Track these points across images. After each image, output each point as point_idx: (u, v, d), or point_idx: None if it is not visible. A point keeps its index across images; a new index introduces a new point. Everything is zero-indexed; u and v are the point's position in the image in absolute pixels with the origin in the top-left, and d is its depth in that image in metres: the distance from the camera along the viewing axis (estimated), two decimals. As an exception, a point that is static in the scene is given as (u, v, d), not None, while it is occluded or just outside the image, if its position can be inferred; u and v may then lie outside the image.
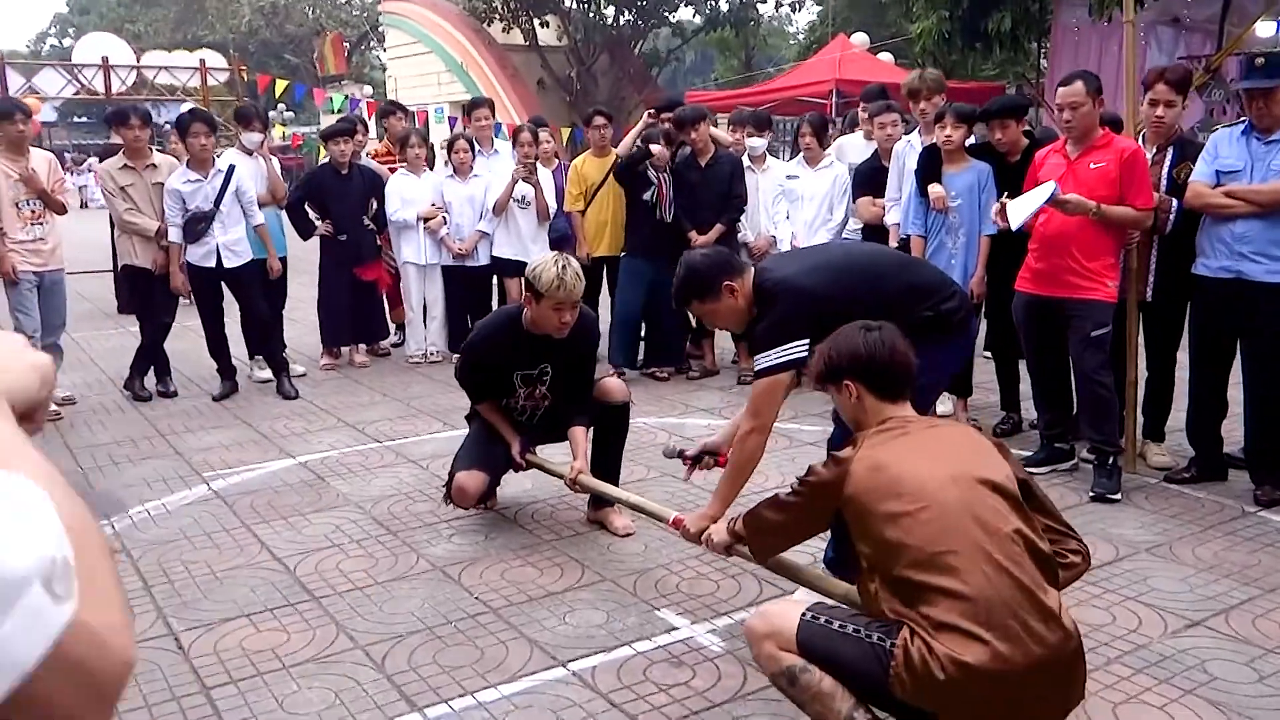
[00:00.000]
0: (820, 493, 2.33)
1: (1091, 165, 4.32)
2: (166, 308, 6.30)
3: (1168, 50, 11.32)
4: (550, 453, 4.21)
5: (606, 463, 4.09)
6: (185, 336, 7.64)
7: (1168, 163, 4.56)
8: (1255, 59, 4.26)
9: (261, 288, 6.43)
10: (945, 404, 5.33)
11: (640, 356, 6.84)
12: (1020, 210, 4.37)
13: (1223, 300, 4.28)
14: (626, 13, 23.07)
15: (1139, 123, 4.67)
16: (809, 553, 3.43)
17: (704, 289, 3.15)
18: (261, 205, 6.64)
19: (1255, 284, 4.16)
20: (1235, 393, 4.46)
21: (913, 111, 5.66)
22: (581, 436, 3.97)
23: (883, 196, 5.80)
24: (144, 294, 6.29)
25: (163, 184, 6.09)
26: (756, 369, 3.05)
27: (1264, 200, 4.12)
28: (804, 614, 2.24)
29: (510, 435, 4.07)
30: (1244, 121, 4.28)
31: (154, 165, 6.16)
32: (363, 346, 7.35)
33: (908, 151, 5.60)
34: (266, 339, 6.48)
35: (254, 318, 6.40)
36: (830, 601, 2.48)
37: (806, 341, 2.91)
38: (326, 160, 7.18)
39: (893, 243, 5.57)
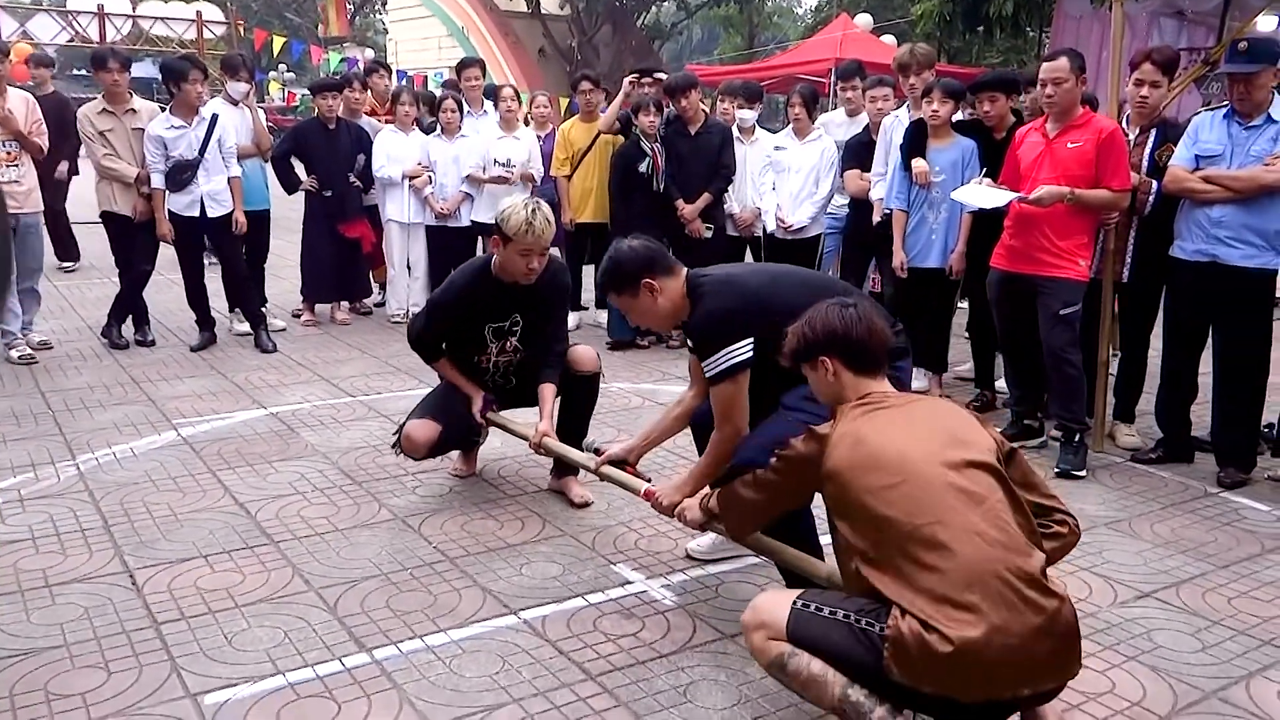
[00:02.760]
0: (798, 468, 2.29)
1: (1069, 145, 4.31)
2: (146, 255, 6.27)
3: (1170, 42, 11.26)
4: (517, 415, 4.17)
5: (574, 429, 3.99)
6: (168, 288, 7.63)
7: (1150, 144, 4.55)
8: (1239, 44, 4.23)
9: (242, 240, 6.40)
10: (920, 380, 5.34)
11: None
12: (969, 197, 4.39)
13: (1198, 284, 4.28)
14: (631, -16, 22.96)
15: (1123, 102, 4.65)
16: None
17: (622, 283, 2.98)
18: (246, 157, 6.63)
19: (1230, 268, 4.16)
20: (1207, 378, 4.47)
21: (902, 86, 5.63)
22: (550, 396, 3.85)
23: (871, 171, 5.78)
24: (123, 241, 6.25)
25: (142, 129, 6.04)
26: (708, 376, 2.87)
27: (1241, 187, 4.11)
28: (794, 602, 2.20)
29: (472, 390, 3.95)
30: (1227, 105, 4.27)
31: (134, 110, 6.10)
32: (345, 304, 7.33)
33: (895, 126, 5.57)
34: (242, 292, 6.45)
35: (234, 269, 6.38)
36: (820, 587, 2.44)
37: (751, 341, 2.80)
38: (315, 114, 7.13)
39: (876, 216, 5.57)
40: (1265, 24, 9.97)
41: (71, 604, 3.06)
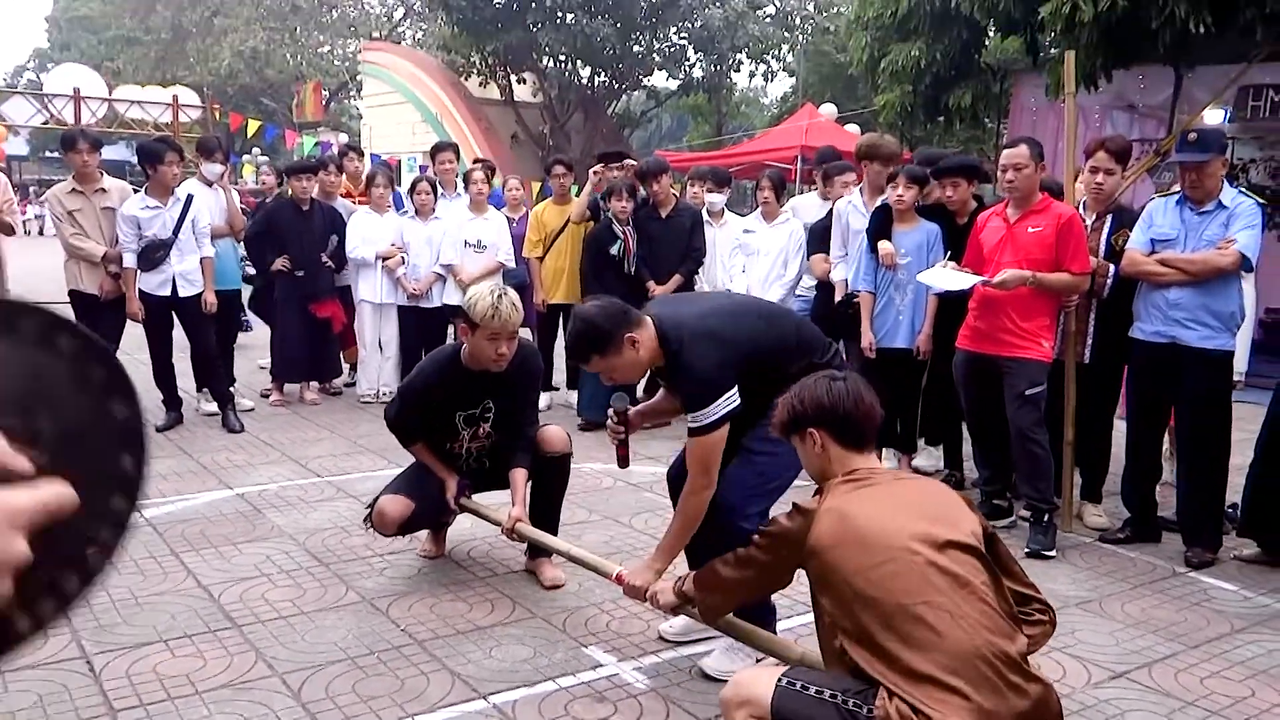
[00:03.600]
0: (783, 544, 2.27)
1: (1030, 229, 4.43)
2: (112, 334, 6.22)
3: (1122, 134, 11.69)
4: (489, 499, 4.16)
5: (545, 511, 3.98)
6: (133, 368, 7.55)
7: (1106, 229, 4.69)
8: (1189, 134, 4.41)
9: (212, 320, 6.39)
10: (889, 460, 5.38)
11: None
12: (935, 280, 4.50)
13: (1157, 364, 4.37)
14: (602, 74, 23.47)
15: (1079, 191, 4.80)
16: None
17: (604, 342, 2.92)
18: (219, 237, 6.65)
19: (1188, 349, 4.26)
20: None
21: (867, 171, 5.77)
22: (521, 481, 3.84)
23: (833, 253, 5.90)
24: (89, 319, 6.20)
25: (112, 209, 6.06)
26: (693, 428, 2.89)
27: (1195, 270, 4.23)
28: (779, 680, 2.14)
29: (446, 475, 3.94)
30: (1179, 192, 4.42)
31: (104, 190, 6.13)
32: (314, 384, 7.30)
33: (849, 210, 5.73)
34: (210, 372, 6.41)
35: (201, 350, 6.35)
36: (807, 666, 2.39)
37: (735, 391, 2.86)
38: (289, 196, 7.19)
39: (837, 296, 5.68)
40: (1212, 117, 10.36)
41: (26, 691, 2.96)
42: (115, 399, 0.96)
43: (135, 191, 6.22)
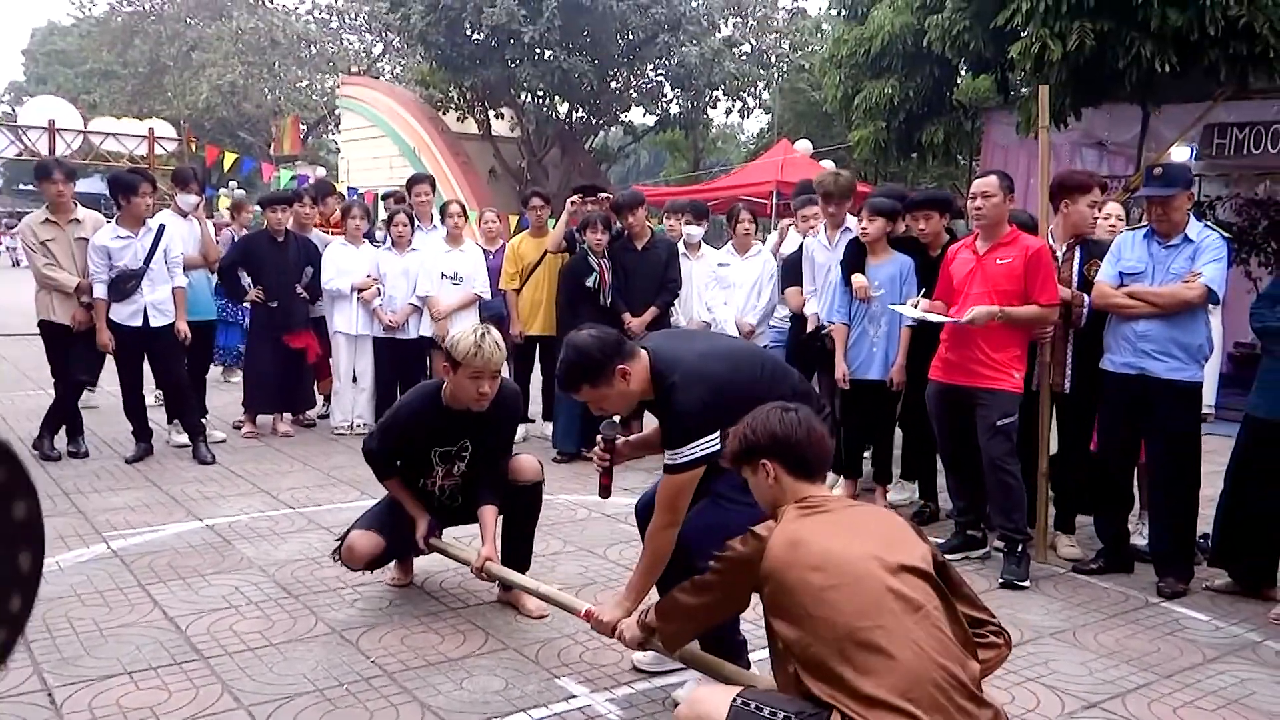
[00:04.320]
0: (738, 568, 2.27)
1: (998, 261, 4.48)
2: (85, 365, 6.16)
3: (1092, 169, 11.90)
4: (459, 533, 4.13)
5: (518, 543, 3.96)
6: (104, 399, 7.47)
7: (1077, 260, 4.75)
8: (1154, 169, 4.49)
9: (184, 351, 6.34)
10: (839, 488, 5.39)
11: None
12: (906, 312, 4.61)
13: (1127, 396, 4.41)
14: (579, 109, 23.64)
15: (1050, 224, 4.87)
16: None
17: (595, 372, 2.93)
18: (193, 268, 6.63)
19: (1157, 380, 4.31)
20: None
21: (823, 211, 5.81)
22: (491, 519, 3.80)
23: (809, 287, 5.95)
24: (60, 350, 6.14)
25: (86, 240, 6.02)
26: (669, 465, 2.89)
27: (1163, 303, 4.29)
28: (735, 699, 2.15)
29: (418, 514, 3.91)
30: (1146, 226, 4.49)
31: (78, 220, 6.09)
32: (287, 416, 7.24)
33: (815, 246, 5.80)
34: (182, 403, 6.35)
35: (172, 381, 6.29)
36: (760, 691, 2.36)
37: (717, 435, 2.82)
38: (264, 227, 7.18)
39: (810, 327, 5.72)
40: (1178, 154, 10.57)
41: (-17, 726, 2.90)
42: (15, 500, 0.94)
43: (107, 222, 6.19)
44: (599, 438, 3.24)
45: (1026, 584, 4.35)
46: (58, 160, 6.59)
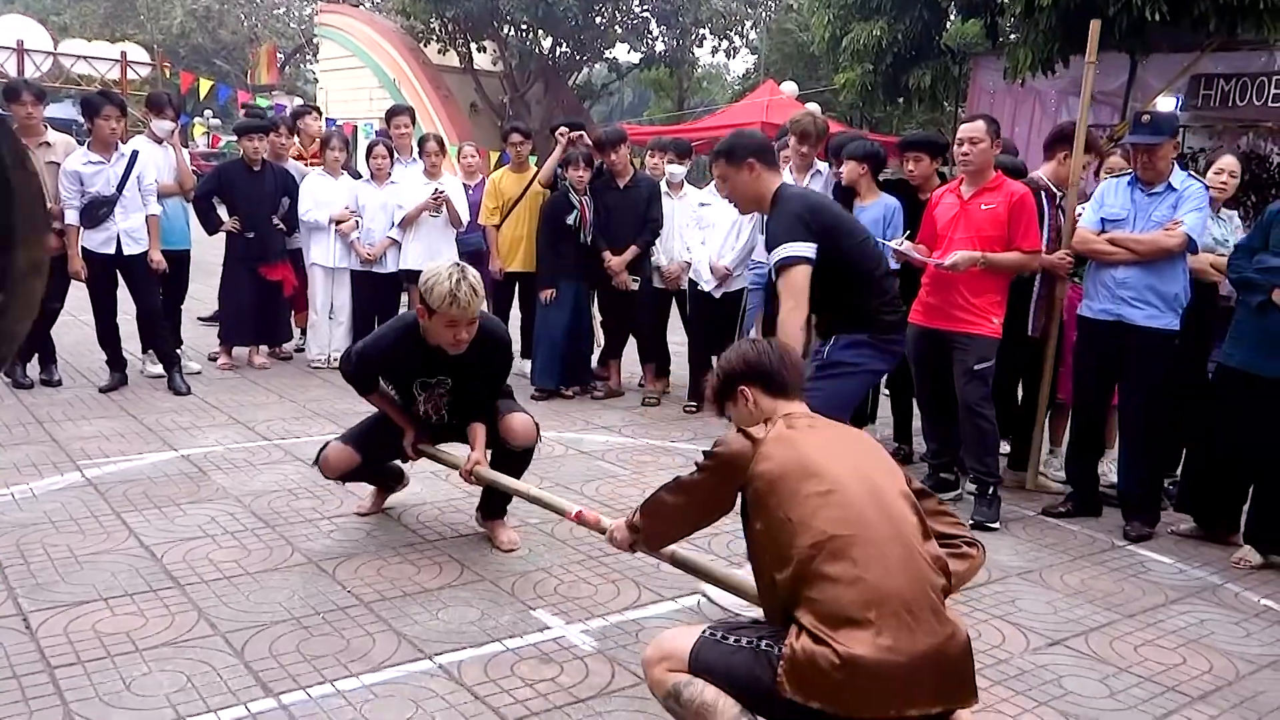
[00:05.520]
0: (728, 466, 2.30)
1: (983, 206, 4.48)
2: (55, 293, 6.06)
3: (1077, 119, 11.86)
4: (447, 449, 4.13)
5: (495, 491, 3.89)
6: (78, 328, 7.39)
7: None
8: (1142, 116, 4.47)
9: (158, 280, 6.26)
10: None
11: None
12: (896, 247, 4.64)
13: (1103, 342, 4.45)
14: (563, 44, 23.24)
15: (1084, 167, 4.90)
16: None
17: (733, 154, 3.59)
18: (168, 195, 6.51)
19: (1133, 327, 4.34)
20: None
21: (795, 151, 5.73)
22: (481, 433, 3.77)
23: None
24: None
25: (57, 164, 5.89)
26: (776, 261, 3.48)
27: (1143, 250, 4.31)
28: (704, 631, 2.22)
29: (405, 424, 3.91)
30: (1130, 173, 4.49)
31: (48, 144, 5.95)
32: (263, 348, 7.18)
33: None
34: (155, 332, 6.29)
35: (146, 309, 6.21)
36: (733, 620, 2.46)
37: (815, 245, 3.43)
38: (239, 155, 7.05)
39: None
40: (1164, 104, 10.54)
41: (-43, 648, 2.90)
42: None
43: (80, 146, 6.06)
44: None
45: (996, 525, 4.42)
46: (26, 81, 6.43)
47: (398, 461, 4.14)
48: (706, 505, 2.45)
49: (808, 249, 3.42)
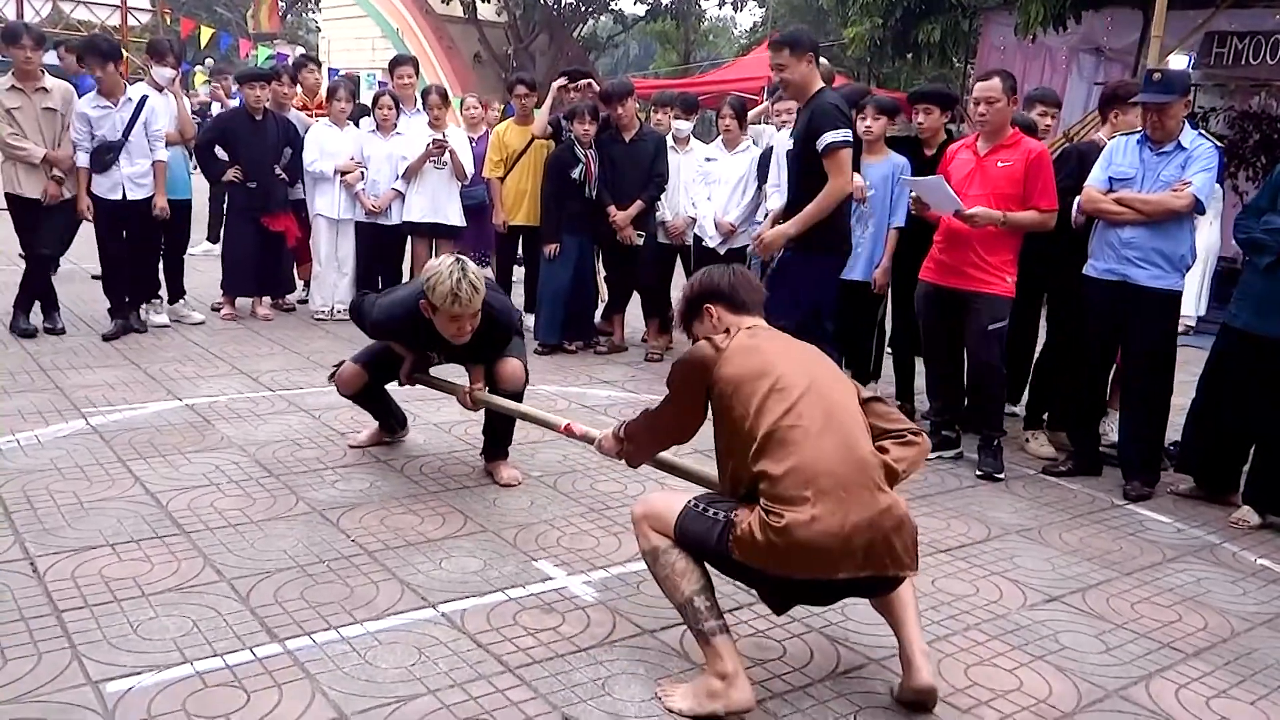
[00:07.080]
0: (696, 368, 2.58)
1: (999, 163, 4.44)
2: (58, 239, 6.06)
3: (1088, 76, 11.72)
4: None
5: (499, 426, 4.13)
6: (82, 277, 7.39)
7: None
8: (1154, 74, 4.42)
9: (160, 228, 6.25)
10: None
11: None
12: (920, 186, 4.56)
13: (1107, 302, 4.43)
14: (569, -5, 23.00)
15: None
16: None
17: (797, 43, 4.34)
18: (170, 144, 6.47)
19: (1137, 288, 4.32)
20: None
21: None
22: (479, 371, 4.00)
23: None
24: (28, 224, 6.03)
25: (53, 109, 5.86)
26: (825, 145, 4.23)
27: (1150, 210, 4.27)
28: (689, 502, 2.53)
29: (406, 353, 4.08)
30: (1140, 131, 4.44)
31: (45, 89, 5.90)
32: (266, 299, 7.17)
33: (786, 141, 5.68)
34: (149, 278, 6.35)
35: (144, 256, 6.23)
36: (713, 494, 2.69)
37: (851, 131, 4.31)
38: (241, 104, 6.99)
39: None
40: (1176, 62, 10.41)
41: (-34, 590, 2.93)
42: None
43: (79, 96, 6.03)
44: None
45: (1002, 476, 4.46)
46: (26, 25, 6.37)
47: (406, 407, 4.36)
48: (680, 416, 2.72)
49: (848, 134, 4.23)
